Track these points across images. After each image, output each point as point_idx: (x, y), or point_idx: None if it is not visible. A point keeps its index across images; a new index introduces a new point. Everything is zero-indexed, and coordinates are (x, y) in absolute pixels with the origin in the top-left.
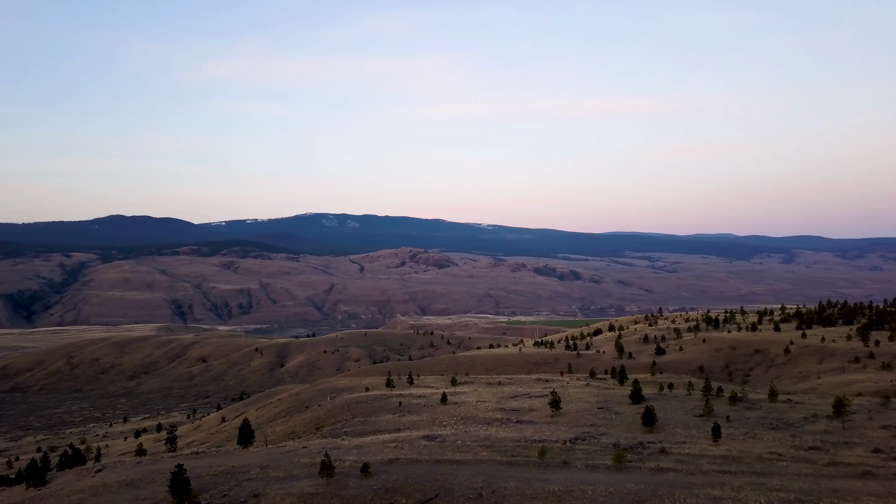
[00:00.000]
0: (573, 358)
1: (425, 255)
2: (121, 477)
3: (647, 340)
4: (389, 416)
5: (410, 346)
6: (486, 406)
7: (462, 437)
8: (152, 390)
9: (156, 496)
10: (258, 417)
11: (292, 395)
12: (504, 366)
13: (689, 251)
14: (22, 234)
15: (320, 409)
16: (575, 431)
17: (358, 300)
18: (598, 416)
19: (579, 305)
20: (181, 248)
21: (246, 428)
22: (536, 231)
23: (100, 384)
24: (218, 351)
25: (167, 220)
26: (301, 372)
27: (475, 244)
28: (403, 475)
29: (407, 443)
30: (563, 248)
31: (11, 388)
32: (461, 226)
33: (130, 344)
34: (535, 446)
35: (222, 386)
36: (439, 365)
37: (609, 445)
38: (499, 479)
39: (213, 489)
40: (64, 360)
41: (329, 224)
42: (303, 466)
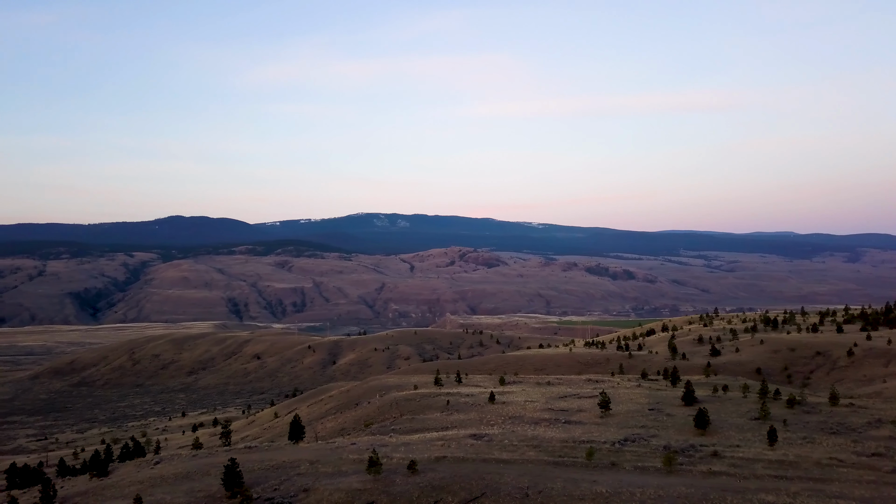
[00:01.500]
0: (625, 359)
1: (475, 255)
2: (177, 469)
3: (702, 341)
4: (437, 415)
5: (460, 344)
6: (535, 406)
7: (509, 437)
8: (209, 386)
9: (210, 488)
10: (309, 414)
11: (342, 392)
12: (554, 366)
13: (747, 250)
14: (88, 235)
15: (369, 406)
16: (624, 433)
17: (408, 299)
18: (649, 417)
19: (632, 305)
20: (237, 248)
21: (296, 424)
22: (588, 230)
23: (160, 379)
24: (272, 348)
25: (224, 221)
26: (352, 369)
27: (525, 243)
28: (450, 473)
29: (454, 441)
30: (616, 246)
31: (78, 382)
32: (511, 225)
33: (189, 341)
34: (583, 447)
35: (276, 382)
36: (488, 364)
37: (659, 448)
38: (545, 479)
39: (264, 483)
40: (126, 356)
41: (380, 224)
42: (351, 462)
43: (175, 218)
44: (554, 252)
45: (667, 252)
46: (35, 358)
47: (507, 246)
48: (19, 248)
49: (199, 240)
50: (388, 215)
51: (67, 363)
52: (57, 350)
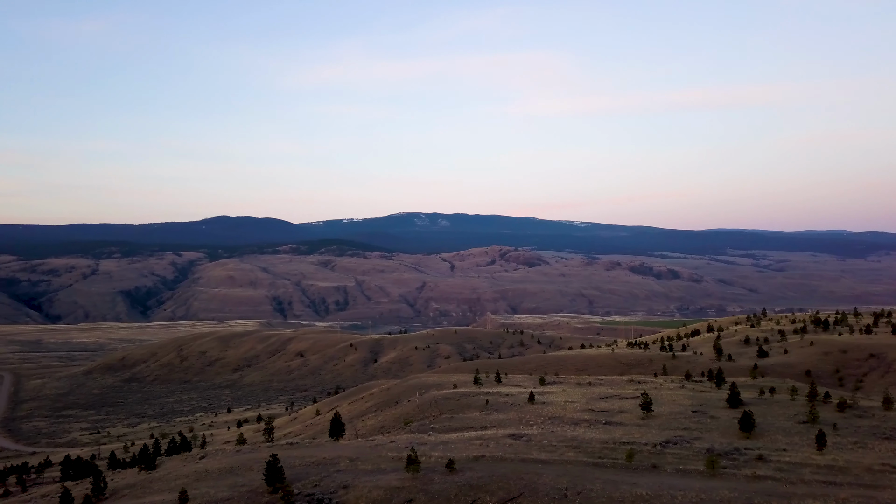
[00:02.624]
0: (668, 359)
1: (516, 254)
2: (221, 464)
3: (749, 342)
4: (476, 414)
5: (500, 344)
6: (575, 406)
7: (548, 437)
8: (254, 383)
9: (252, 483)
10: (350, 411)
11: (383, 390)
12: (595, 366)
13: (797, 248)
14: (138, 235)
15: (409, 404)
16: (666, 435)
17: (449, 298)
18: (692, 419)
19: (677, 305)
20: (281, 247)
21: (337, 421)
22: (632, 228)
23: (206, 376)
24: (315, 346)
25: (268, 221)
26: (393, 368)
27: (567, 242)
28: (488, 472)
29: (493, 441)
30: (661, 245)
31: (129, 377)
32: (553, 223)
33: (234, 338)
34: (624, 448)
35: (318, 380)
36: (528, 364)
37: (702, 450)
38: (585, 480)
39: (304, 479)
40: (175, 353)
41: (421, 223)
42: (390, 460)
43: (221, 218)
44: (597, 251)
45: (713, 251)
46: (88, 354)
47: (549, 245)
48: (74, 247)
49: (244, 239)
50: (428, 215)
51: (119, 359)
52: (109, 347)
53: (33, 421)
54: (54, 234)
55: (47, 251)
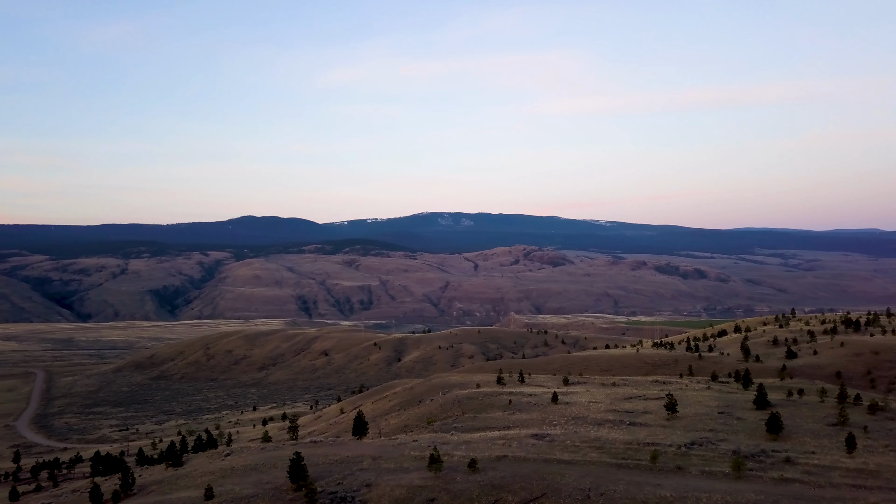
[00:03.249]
0: (694, 360)
1: (540, 253)
2: (246, 461)
3: (777, 343)
4: (499, 414)
5: (524, 344)
6: (599, 407)
7: (572, 438)
8: (279, 381)
9: (276, 481)
10: (374, 410)
11: (406, 389)
12: (620, 367)
13: (827, 248)
14: (166, 235)
15: (432, 403)
16: (691, 436)
17: (472, 297)
18: (718, 420)
19: (704, 305)
20: (306, 247)
21: (360, 420)
22: (658, 227)
23: (233, 374)
24: (339, 345)
25: (294, 221)
26: (417, 367)
27: (592, 241)
28: (510, 472)
29: (515, 440)
30: (687, 245)
31: (157, 375)
32: (577, 223)
33: (260, 337)
34: (648, 450)
35: (343, 378)
36: (552, 364)
37: (728, 452)
38: (608, 481)
39: (328, 477)
40: (202, 352)
41: (444, 223)
42: (413, 459)
43: (247, 218)
44: (622, 250)
45: (741, 250)
46: (118, 352)
47: (574, 244)
48: (104, 247)
49: (270, 239)
50: (452, 214)
51: (147, 357)
52: (138, 345)
53: (65, 417)
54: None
55: (78, 251)
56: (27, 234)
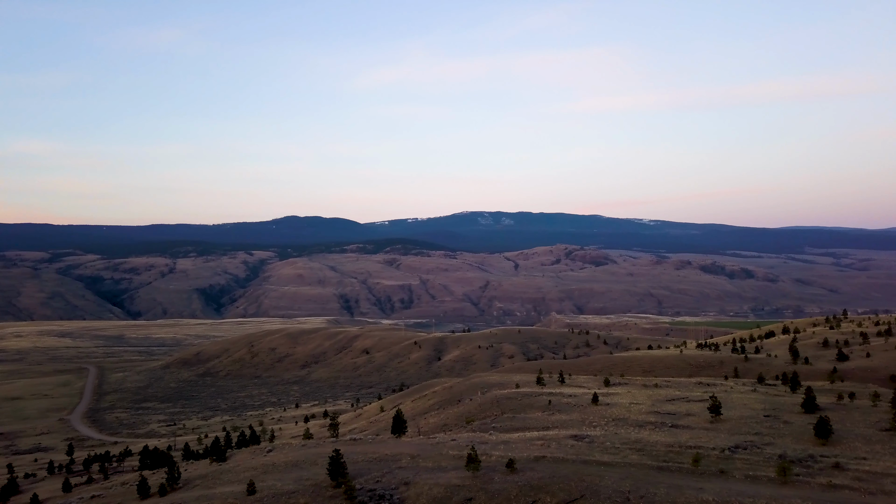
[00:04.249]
0: (740, 361)
1: (582, 253)
2: (288, 458)
3: (827, 345)
4: (538, 414)
5: (565, 344)
6: (640, 408)
7: (611, 439)
8: (321, 379)
9: (316, 477)
10: (413, 409)
11: (445, 388)
12: (663, 368)
13: (882, 247)
14: (212, 234)
15: (471, 403)
16: (735, 439)
17: (513, 297)
18: (764, 424)
19: (751, 306)
20: (348, 247)
21: (399, 419)
22: (703, 226)
23: (276, 372)
24: (380, 343)
25: (336, 220)
26: (457, 366)
27: (635, 240)
28: (549, 473)
29: (554, 441)
30: (734, 244)
31: (203, 372)
32: (620, 221)
33: (302, 335)
34: (690, 453)
35: (383, 377)
36: (593, 365)
37: (773, 456)
38: (648, 484)
39: (367, 474)
40: (246, 349)
41: (484, 222)
42: (451, 458)
43: (291, 218)
44: (666, 250)
45: (790, 249)
46: (166, 349)
47: (616, 243)
48: (153, 247)
49: (313, 239)
50: (492, 213)
51: (194, 354)
52: (185, 342)
53: (115, 412)
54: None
55: (128, 251)
56: (81, 234)
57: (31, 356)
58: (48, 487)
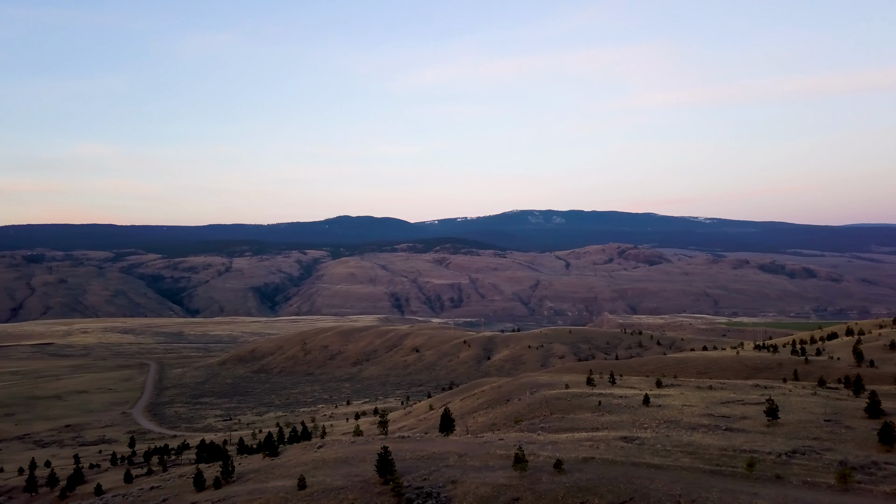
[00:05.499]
0: (800, 364)
1: (635, 251)
2: (337, 454)
3: (895, 347)
4: (587, 415)
5: (617, 345)
6: (693, 411)
7: (662, 441)
8: (372, 376)
9: (365, 474)
10: (461, 407)
11: (494, 387)
12: (718, 369)
13: None
14: (267, 234)
15: (520, 403)
16: (793, 444)
17: (564, 297)
18: (824, 429)
19: (813, 307)
20: (399, 246)
21: (446, 417)
22: (762, 224)
23: (328, 369)
24: (430, 342)
25: (387, 220)
26: (506, 366)
27: (690, 239)
28: (597, 475)
29: (603, 442)
30: (794, 242)
31: (258, 369)
32: (675, 219)
33: (354, 333)
34: (744, 457)
35: (433, 375)
36: (646, 366)
37: (833, 462)
38: (700, 488)
39: (414, 472)
40: (299, 346)
41: (535, 220)
42: (498, 458)
43: (343, 218)
44: (723, 248)
45: (855, 248)
46: (223, 346)
47: (671, 242)
48: (210, 246)
49: (364, 238)
50: (542, 212)
51: (249, 351)
52: (241, 339)
53: (174, 406)
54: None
55: (187, 250)
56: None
57: (97, 351)
58: (111, 478)
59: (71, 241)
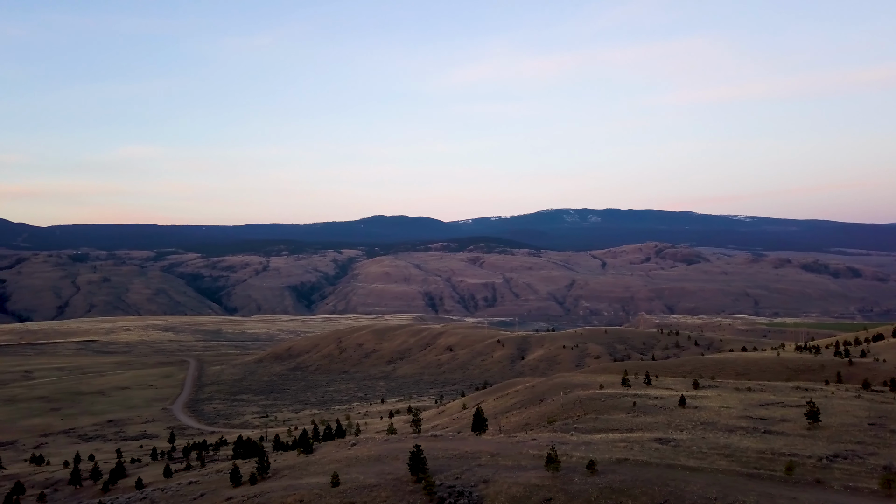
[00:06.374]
0: (843, 366)
1: (672, 250)
2: (371, 452)
3: None
4: (622, 416)
5: (654, 345)
6: (730, 413)
7: (698, 443)
8: (406, 375)
9: (398, 472)
10: (495, 407)
11: (528, 387)
12: (758, 371)
13: None
14: (303, 234)
15: (553, 403)
16: (835, 448)
17: (600, 296)
18: (868, 433)
19: (858, 307)
20: (433, 245)
21: (479, 416)
22: (804, 222)
23: (363, 367)
24: (463, 341)
25: (420, 219)
26: (541, 366)
27: (730, 238)
28: (631, 476)
29: (637, 444)
30: (838, 241)
31: (294, 366)
32: (713, 218)
33: (388, 332)
34: (783, 460)
35: (467, 374)
36: (683, 366)
37: (877, 467)
38: (736, 491)
39: (446, 471)
40: (334, 345)
41: (570, 219)
42: (530, 458)
43: (377, 217)
44: (763, 247)
45: None
46: (260, 344)
47: (709, 241)
48: (248, 246)
49: (398, 237)
50: (578, 211)
51: (285, 349)
52: (278, 337)
53: (213, 403)
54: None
55: (226, 249)
56: (182, 234)
57: (138, 349)
58: (151, 472)
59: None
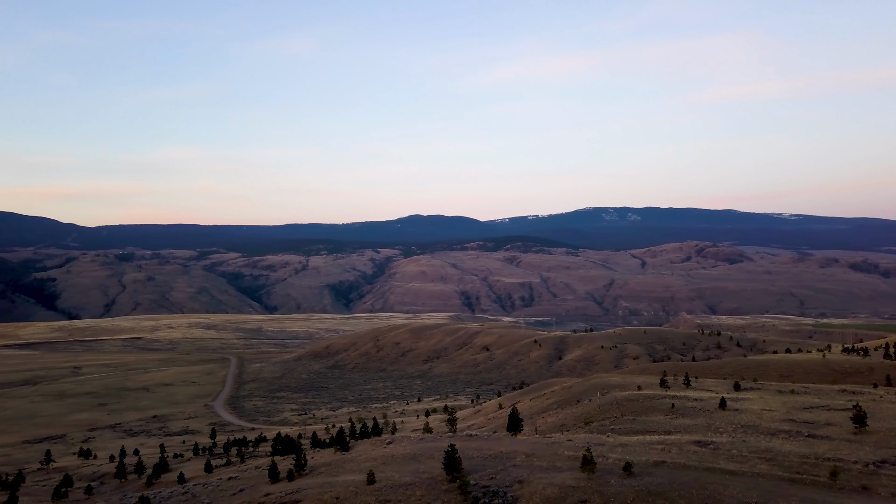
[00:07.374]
0: (893, 368)
1: (714, 250)
2: (406, 450)
3: None
4: (660, 417)
5: (694, 346)
6: (773, 416)
7: (739, 447)
8: (442, 374)
9: (432, 471)
10: (531, 407)
11: (564, 388)
12: (802, 373)
13: None
14: (342, 233)
15: (590, 404)
16: (882, 454)
17: (639, 296)
18: None
19: None
20: (469, 244)
21: (514, 417)
22: (852, 220)
23: (400, 366)
24: (500, 341)
25: (457, 219)
26: (578, 366)
27: (773, 237)
28: (668, 479)
29: (675, 446)
30: (889, 239)
31: (332, 365)
32: (756, 216)
33: (425, 331)
34: (827, 465)
35: (503, 374)
36: (724, 368)
37: None
38: (777, 496)
39: (481, 471)
40: (372, 343)
41: (609, 218)
42: (566, 459)
43: (414, 217)
44: (809, 246)
45: None
46: (299, 342)
47: (752, 240)
48: (287, 245)
49: (435, 237)
50: (617, 209)
51: (324, 347)
52: (316, 335)
53: (253, 400)
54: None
55: (266, 249)
56: (223, 233)
57: (182, 346)
58: (193, 467)
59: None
